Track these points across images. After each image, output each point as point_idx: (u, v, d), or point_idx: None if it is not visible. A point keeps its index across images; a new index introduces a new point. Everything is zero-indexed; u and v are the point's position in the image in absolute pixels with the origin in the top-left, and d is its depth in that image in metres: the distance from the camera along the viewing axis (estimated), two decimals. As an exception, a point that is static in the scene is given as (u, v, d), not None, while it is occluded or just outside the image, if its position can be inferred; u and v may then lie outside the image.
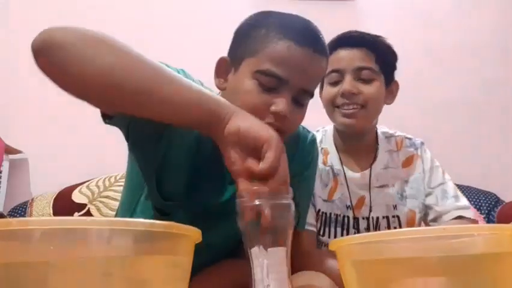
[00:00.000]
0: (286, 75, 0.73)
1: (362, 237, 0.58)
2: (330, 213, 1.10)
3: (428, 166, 1.14)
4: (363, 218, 1.10)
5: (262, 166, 0.58)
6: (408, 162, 1.14)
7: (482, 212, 1.78)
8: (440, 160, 2.07)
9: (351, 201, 1.10)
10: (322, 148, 1.14)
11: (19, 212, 1.67)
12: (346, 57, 1.03)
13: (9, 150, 1.80)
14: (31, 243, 0.42)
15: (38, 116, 1.92)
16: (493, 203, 1.82)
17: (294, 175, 0.64)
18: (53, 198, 1.69)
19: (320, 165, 1.10)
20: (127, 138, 0.77)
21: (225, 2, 2.14)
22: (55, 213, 1.64)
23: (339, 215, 1.10)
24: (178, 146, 0.77)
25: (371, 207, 1.10)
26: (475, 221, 1.11)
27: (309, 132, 0.98)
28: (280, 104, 0.72)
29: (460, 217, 1.09)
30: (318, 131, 1.18)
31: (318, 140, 1.08)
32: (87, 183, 1.76)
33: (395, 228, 1.10)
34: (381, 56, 1.04)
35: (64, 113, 1.94)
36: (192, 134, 0.76)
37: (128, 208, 0.85)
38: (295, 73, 0.73)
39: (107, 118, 0.72)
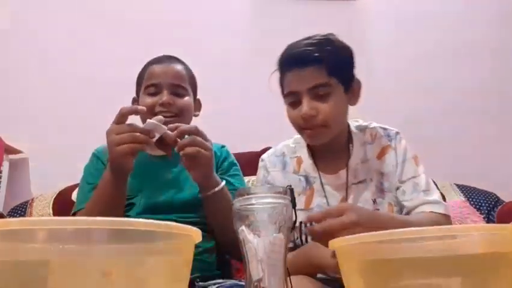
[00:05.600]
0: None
1: (362, 237, 0.58)
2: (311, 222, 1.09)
3: (400, 159, 1.09)
4: None
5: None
6: (383, 153, 1.10)
7: (482, 212, 1.77)
8: (440, 160, 2.09)
9: (329, 205, 1.08)
10: (295, 157, 1.14)
11: (19, 212, 1.67)
12: (298, 78, 1.02)
13: (9, 150, 1.80)
14: (31, 243, 0.42)
15: (38, 116, 1.92)
16: (493, 203, 1.81)
17: None
18: (53, 198, 1.69)
19: (291, 174, 1.12)
20: None
21: (225, 2, 2.14)
22: (55, 213, 1.64)
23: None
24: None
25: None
26: (446, 217, 1.05)
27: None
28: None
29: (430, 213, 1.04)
30: (289, 139, 1.19)
31: (291, 151, 1.15)
32: (87, 183, 1.76)
33: None
34: (332, 66, 1.01)
35: (64, 113, 1.94)
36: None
37: None
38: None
39: None
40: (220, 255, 1.17)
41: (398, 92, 2.16)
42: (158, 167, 1.17)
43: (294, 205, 0.64)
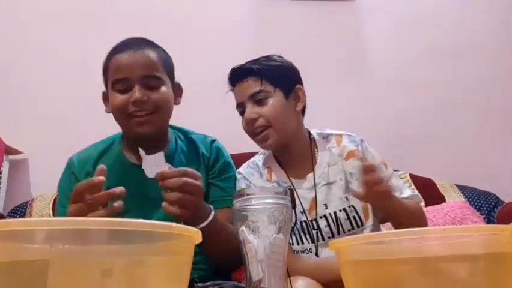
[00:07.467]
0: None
1: (362, 238, 0.58)
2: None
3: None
4: (321, 217, 1.15)
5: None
6: (350, 155, 1.18)
7: (482, 212, 1.77)
8: (441, 160, 2.09)
9: (302, 207, 1.15)
10: (267, 167, 1.22)
11: (19, 212, 1.67)
12: (240, 90, 1.17)
13: (9, 151, 1.80)
14: (31, 244, 0.42)
15: (38, 116, 1.92)
16: (493, 203, 1.81)
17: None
18: (53, 198, 1.69)
19: (267, 182, 1.20)
20: None
21: (225, 2, 2.14)
22: (55, 214, 1.64)
23: (296, 223, 1.15)
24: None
25: (325, 205, 1.15)
26: (421, 206, 1.16)
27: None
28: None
29: None
30: (260, 154, 1.27)
31: (262, 162, 1.23)
32: (87, 183, 1.75)
33: (354, 217, 1.14)
34: (268, 75, 1.14)
35: (64, 113, 1.94)
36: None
37: None
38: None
39: None
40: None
41: (398, 91, 2.16)
42: (145, 181, 0.96)
43: (294, 206, 0.65)
